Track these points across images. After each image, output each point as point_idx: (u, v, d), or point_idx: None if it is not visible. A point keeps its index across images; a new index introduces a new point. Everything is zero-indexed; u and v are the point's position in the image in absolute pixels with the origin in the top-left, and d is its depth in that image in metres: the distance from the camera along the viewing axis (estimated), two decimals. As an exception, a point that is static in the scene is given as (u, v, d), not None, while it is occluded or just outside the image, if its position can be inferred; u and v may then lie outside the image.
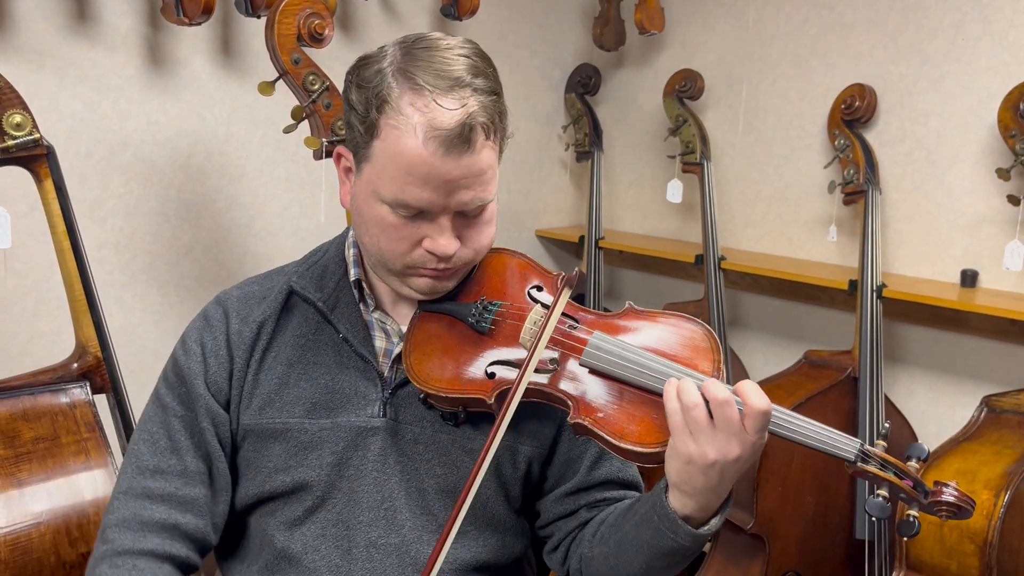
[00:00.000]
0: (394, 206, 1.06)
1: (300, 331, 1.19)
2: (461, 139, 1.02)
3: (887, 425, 1.08)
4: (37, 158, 1.49)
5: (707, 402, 0.98)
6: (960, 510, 0.98)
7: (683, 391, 0.99)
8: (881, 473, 0.98)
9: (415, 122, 1.01)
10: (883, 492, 1.00)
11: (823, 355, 2.23)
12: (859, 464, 0.98)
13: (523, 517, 1.24)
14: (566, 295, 1.12)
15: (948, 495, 0.98)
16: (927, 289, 2.14)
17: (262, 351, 1.18)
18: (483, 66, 1.07)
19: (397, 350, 1.17)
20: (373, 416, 1.15)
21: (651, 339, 1.09)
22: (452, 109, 1.01)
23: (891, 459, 0.99)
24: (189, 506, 1.14)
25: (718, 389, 0.97)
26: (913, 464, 1.00)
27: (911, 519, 1.01)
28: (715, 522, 1.05)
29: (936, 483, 0.99)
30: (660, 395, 1.02)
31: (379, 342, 1.18)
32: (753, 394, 0.97)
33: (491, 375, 1.10)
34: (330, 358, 1.17)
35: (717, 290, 2.46)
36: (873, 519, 2.07)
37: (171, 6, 1.79)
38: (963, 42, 2.16)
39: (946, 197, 2.22)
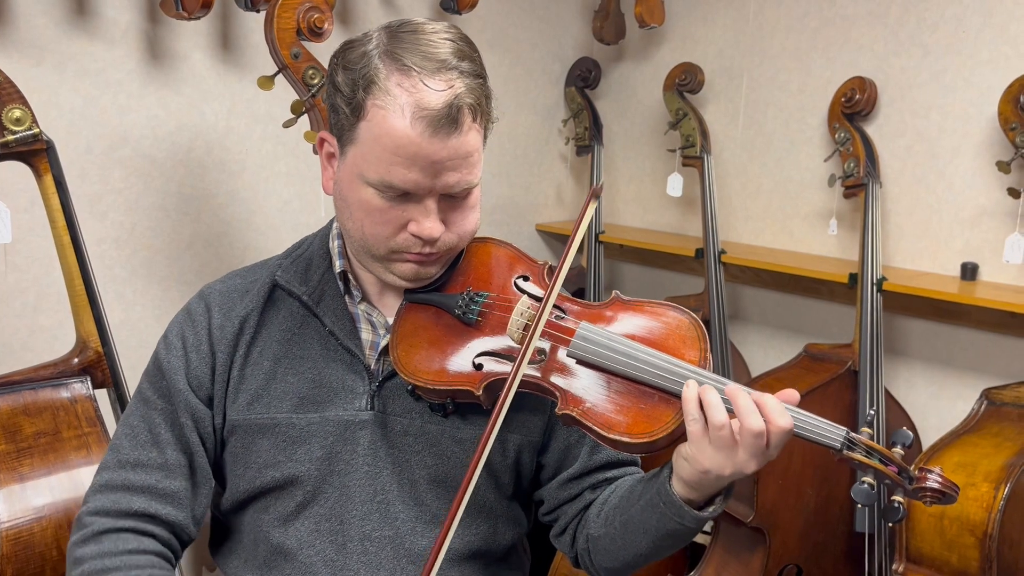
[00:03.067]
0: (380, 188, 1.05)
1: (286, 325, 1.18)
2: (448, 120, 1.01)
3: (871, 412, 1.10)
4: (37, 153, 1.49)
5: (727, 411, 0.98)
6: (944, 496, 0.99)
7: (711, 407, 0.98)
8: (866, 460, 0.99)
9: (402, 102, 1.01)
10: (868, 479, 1.01)
11: (823, 348, 2.23)
12: (845, 452, 1.00)
13: (516, 504, 1.24)
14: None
15: (932, 481, 0.99)
16: (927, 282, 2.14)
17: (247, 345, 1.17)
18: (468, 50, 1.07)
19: (383, 342, 1.17)
20: (361, 409, 1.15)
21: (638, 329, 1.09)
22: (439, 90, 1.01)
23: (875, 446, 1.00)
24: (169, 499, 1.13)
25: (753, 419, 0.97)
26: (898, 450, 1.01)
27: (896, 505, 1.02)
28: (719, 503, 1.07)
29: (920, 469, 1.00)
30: (648, 385, 1.03)
31: (365, 334, 1.18)
32: (779, 414, 0.97)
33: (478, 367, 1.09)
34: (316, 351, 1.16)
35: (717, 284, 2.46)
36: (860, 506, 2.08)
37: (170, 1, 1.78)
38: (964, 35, 2.15)
39: (946, 190, 2.22)
